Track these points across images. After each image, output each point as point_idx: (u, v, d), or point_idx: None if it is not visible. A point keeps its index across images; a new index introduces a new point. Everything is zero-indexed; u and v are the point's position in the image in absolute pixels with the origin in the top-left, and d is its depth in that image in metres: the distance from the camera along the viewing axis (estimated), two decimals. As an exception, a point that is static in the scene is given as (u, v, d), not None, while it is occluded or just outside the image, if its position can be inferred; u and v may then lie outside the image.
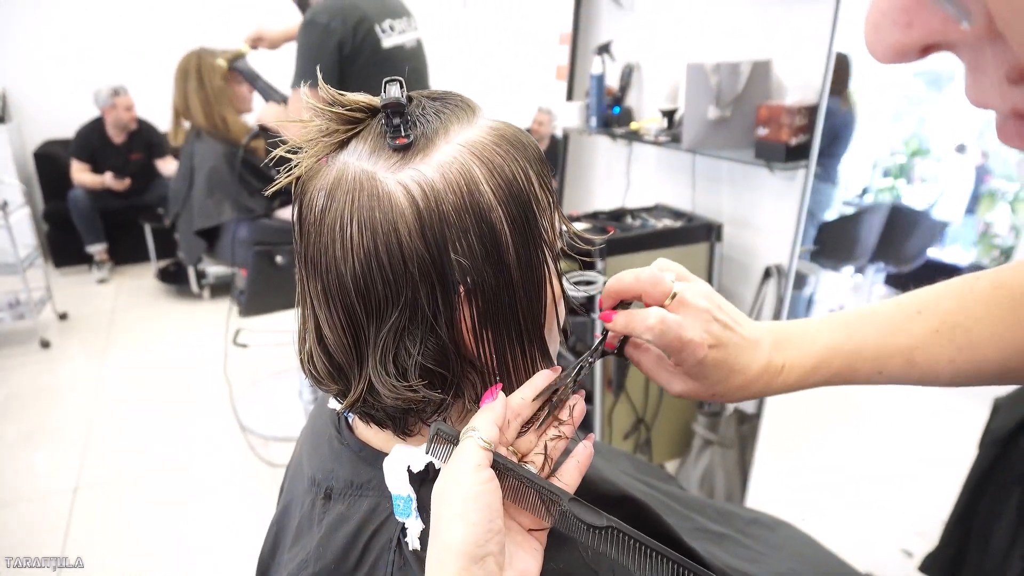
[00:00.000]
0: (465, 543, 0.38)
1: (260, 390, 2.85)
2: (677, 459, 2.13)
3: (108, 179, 3.93)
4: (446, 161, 0.44)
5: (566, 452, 0.50)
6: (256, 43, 2.06)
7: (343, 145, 0.47)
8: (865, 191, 4.40)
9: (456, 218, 0.44)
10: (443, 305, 0.45)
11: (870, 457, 1.99)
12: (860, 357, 0.52)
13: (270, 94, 1.96)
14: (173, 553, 1.95)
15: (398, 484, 0.49)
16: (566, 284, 0.53)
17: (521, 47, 3.44)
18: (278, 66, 2.30)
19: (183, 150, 2.36)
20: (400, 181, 0.44)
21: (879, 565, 1.80)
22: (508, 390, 0.49)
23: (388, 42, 1.68)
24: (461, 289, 0.45)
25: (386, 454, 0.51)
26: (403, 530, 0.48)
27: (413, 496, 0.49)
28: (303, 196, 0.47)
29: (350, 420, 0.57)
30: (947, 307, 0.51)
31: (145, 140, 4.07)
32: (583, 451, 0.49)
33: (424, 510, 0.48)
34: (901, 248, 3.59)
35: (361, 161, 0.45)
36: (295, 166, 0.48)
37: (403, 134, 0.45)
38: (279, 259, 2.29)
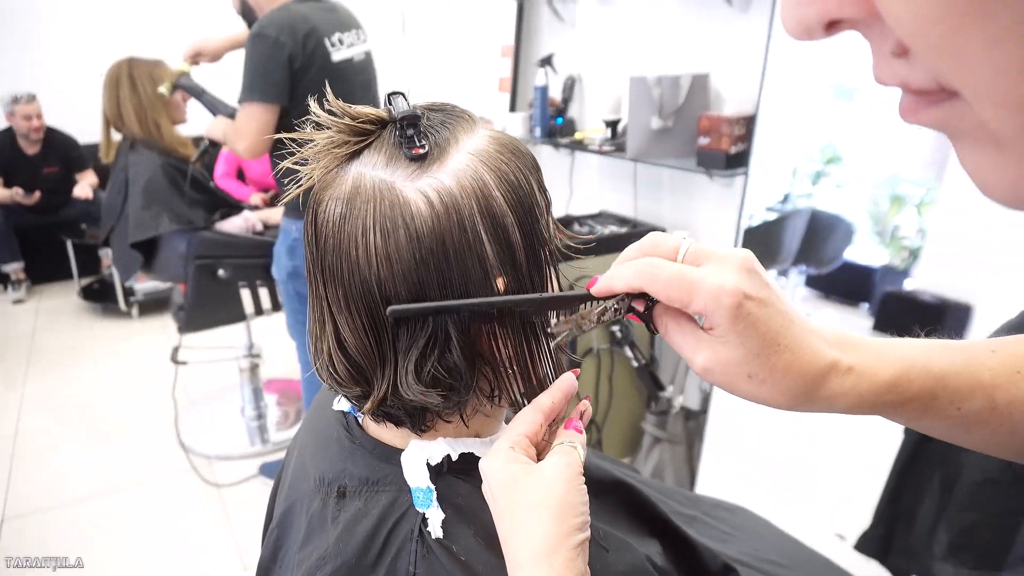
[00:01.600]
0: (584, 521, 0.45)
1: (201, 408, 2.75)
2: (628, 457, 2.19)
3: (16, 193, 3.71)
4: (460, 169, 0.47)
5: None
6: (196, 58, 1.98)
7: (351, 156, 0.49)
8: (787, 197, 4.63)
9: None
10: None
11: (807, 449, 2.11)
12: (942, 383, 0.41)
13: (217, 108, 1.90)
14: (116, 582, 1.87)
15: (417, 477, 0.51)
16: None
17: (463, 60, 3.48)
18: (222, 77, 2.25)
19: (115, 163, 2.26)
20: (419, 189, 0.46)
21: (818, 547, 1.91)
22: (528, 385, 0.52)
23: (337, 56, 1.68)
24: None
25: (400, 450, 0.53)
26: (424, 520, 0.50)
27: (433, 488, 0.51)
28: (317, 206, 0.49)
29: (360, 420, 0.58)
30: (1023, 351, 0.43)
31: (61, 153, 3.85)
32: None
33: (443, 501, 0.51)
34: (820, 251, 3.81)
35: (378, 171, 0.47)
36: (305, 178, 0.50)
37: (419, 144, 0.47)
38: (221, 273, 2.22)
